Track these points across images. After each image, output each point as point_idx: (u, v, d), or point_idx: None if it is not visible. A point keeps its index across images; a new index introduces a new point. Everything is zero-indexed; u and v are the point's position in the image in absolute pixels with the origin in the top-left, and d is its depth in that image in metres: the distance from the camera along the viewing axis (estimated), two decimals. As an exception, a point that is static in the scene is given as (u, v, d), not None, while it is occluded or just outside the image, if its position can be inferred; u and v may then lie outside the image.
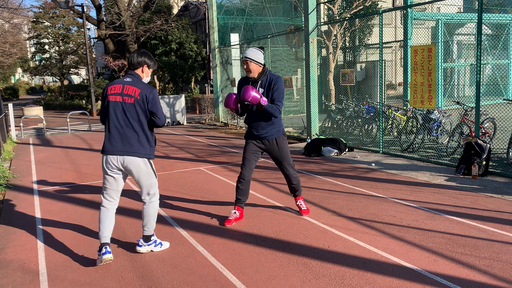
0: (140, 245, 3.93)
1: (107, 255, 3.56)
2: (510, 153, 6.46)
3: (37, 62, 36.87)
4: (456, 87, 14.63)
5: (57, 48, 34.06)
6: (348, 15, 12.67)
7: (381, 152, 8.34)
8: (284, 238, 4.19)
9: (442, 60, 11.89)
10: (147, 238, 3.92)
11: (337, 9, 13.19)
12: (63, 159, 9.15)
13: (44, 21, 32.94)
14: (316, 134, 10.07)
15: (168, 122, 15.54)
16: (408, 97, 8.18)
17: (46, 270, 3.71)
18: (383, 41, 8.31)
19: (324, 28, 12.83)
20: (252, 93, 4.26)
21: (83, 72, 44.91)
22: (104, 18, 24.67)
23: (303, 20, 10.16)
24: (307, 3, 9.72)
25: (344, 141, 8.61)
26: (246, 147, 4.67)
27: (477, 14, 6.18)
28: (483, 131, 7.45)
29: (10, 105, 13.92)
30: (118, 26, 22.44)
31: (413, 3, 9.42)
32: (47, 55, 35.41)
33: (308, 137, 10.04)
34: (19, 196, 6.21)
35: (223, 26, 15.90)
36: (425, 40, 14.12)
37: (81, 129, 15.53)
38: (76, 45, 34.05)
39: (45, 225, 4.89)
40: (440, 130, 8.45)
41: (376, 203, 5.16)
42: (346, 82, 9.61)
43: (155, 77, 27.09)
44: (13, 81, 58.76)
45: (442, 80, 12.44)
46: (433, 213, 4.74)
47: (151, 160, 3.80)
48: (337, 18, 13.09)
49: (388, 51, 20.39)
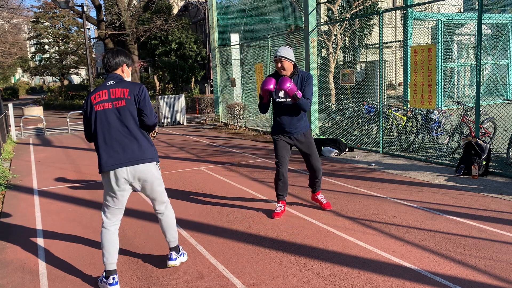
0: (174, 258, 3.58)
1: (116, 287, 3.26)
2: (510, 153, 6.46)
3: (37, 62, 36.87)
4: (456, 87, 14.63)
5: (57, 48, 34.06)
6: (348, 15, 12.67)
7: (381, 152, 8.34)
8: (284, 238, 4.19)
9: (442, 60, 11.89)
10: (177, 249, 3.63)
11: (337, 9, 13.19)
12: (63, 159, 9.15)
13: (44, 21, 32.94)
14: (316, 134, 10.07)
15: (168, 122, 15.53)
16: (408, 97, 8.18)
17: (46, 270, 3.71)
18: (383, 41, 8.31)
19: (324, 28, 12.84)
20: (290, 83, 4.31)
21: (83, 72, 44.93)
22: (104, 18, 24.67)
23: (303, 20, 10.16)
24: (307, 3, 9.72)
25: (344, 141, 8.61)
26: (277, 144, 4.72)
27: (477, 14, 6.18)
28: (483, 131, 7.45)
29: (10, 105, 13.92)
30: (118, 26, 22.43)
31: (413, 3, 9.43)
32: (47, 55, 35.41)
33: (308, 137, 10.03)
34: (19, 196, 6.22)
35: (223, 26, 15.91)
36: (425, 40, 14.12)
37: (81, 129, 15.53)
38: (76, 45, 34.06)
39: (45, 225, 4.89)
40: (440, 130, 8.45)
41: (376, 203, 5.16)
42: (346, 82, 9.61)
43: (155, 77, 27.10)
44: (13, 81, 58.77)
45: (442, 80, 12.44)
46: (433, 213, 4.74)
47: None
48: (337, 18, 13.09)
49: (388, 51, 20.39)
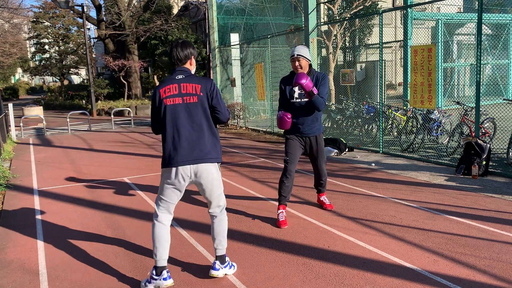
0: (218, 268, 3.38)
1: (170, 281, 3.20)
2: (510, 153, 6.46)
3: (37, 62, 36.84)
4: (456, 87, 14.62)
5: (57, 48, 34.04)
6: (348, 15, 12.67)
7: (381, 152, 8.34)
8: (284, 238, 4.19)
9: (442, 60, 11.89)
10: (223, 259, 3.42)
11: (337, 9, 13.19)
12: (63, 159, 9.15)
13: (44, 21, 32.91)
14: (316, 134, 10.05)
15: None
16: (408, 97, 8.18)
17: (46, 270, 3.71)
18: (383, 41, 8.31)
19: (324, 28, 12.83)
20: (307, 79, 4.26)
21: (83, 72, 44.91)
22: (104, 18, 24.67)
23: (303, 20, 10.16)
24: (307, 3, 9.72)
25: (344, 141, 8.61)
26: (289, 143, 4.68)
27: (477, 14, 6.18)
28: (483, 131, 7.45)
29: (10, 105, 13.91)
30: (118, 26, 22.44)
31: (413, 3, 9.42)
32: (47, 55, 35.38)
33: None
34: (19, 196, 6.22)
35: (223, 26, 15.91)
36: (425, 40, 14.11)
37: (81, 129, 15.53)
38: (76, 45, 34.04)
39: (45, 225, 4.89)
40: (440, 130, 8.45)
41: (376, 203, 5.16)
42: (346, 82, 9.60)
43: (155, 77, 27.10)
44: (13, 81, 58.76)
45: (442, 80, 12.43)
46: (433, 213, 4.74)
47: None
48: (337, 18, 13.09)
49: (388, 51, 20.38)
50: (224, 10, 16.21)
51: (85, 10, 22.04)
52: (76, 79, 55.03)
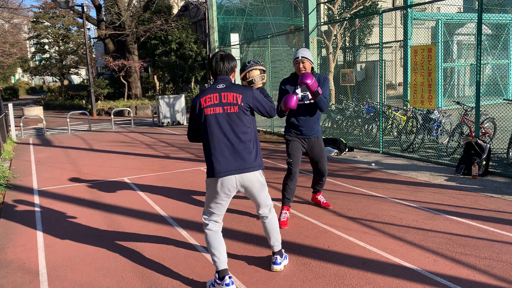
0: (279, 263, 3.53)
1: (232, 287, 3.17)
2: (510, 153, 6.46)
3: (37, 62, 36.84)
4: (456, 87, 14.62)
5: (57, 48, 34.04)
6: (348, 15, 12.67)
7: (381, 152, 8.34)
8: (284, 238, 4.18)
9: (442, 60, 11.89)
10: (281, 253, 3.59)
11: (337, 9, 13.20)
12: (63, 159, 9.15)
13: (44, 21, 32.92)
14: (316, 134, 10.05)
15: (168, 122, 15.54)
16: (408, 97, 8.18)
17: (46, 270, 3.71)
18: (383, 41, 8.31)
19: (324, 28, 12.84)
20: (312, 79, 4.22)
21: (83, 72, 44.90)
22: (104, 18, 24.68)
23: (303, 20, 10.16)
24: (307, 3, 9.72)
25: (344, 141, 8.61)
26: (291, 145, 4.66)
27: (477, 14, 6.18)
28: (483, 131, 7.45)
29: (10, 105, 13.92)
30: (118, 26, 22.44)
31: (413, 3, 9.43)
32: (47, 55, 35.38)
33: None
34: (19, 196, 6.22)
35: (223, 26, 15.92)
36: (425, 40, 14.11)
37: (81, 129, 15.53)
38: (76, 45, 34.04)
39: (45, 225, 4.89)
40: (440, 130, 8.45)
41: (376, 203, 5.16)
42: (346, 82, 9.61)
43: (155, 77, 27.10)
44: (13, 81, 58.78)
45: (442, 80, 12.44)
46: (433, 213, 4.74)
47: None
48: (337, 18, 13.09)
49: (388, 51, 20.38)
50: (224, 10, 16.21)
51: (85, 10, 22.04)
52: (76, 79, 55.02)
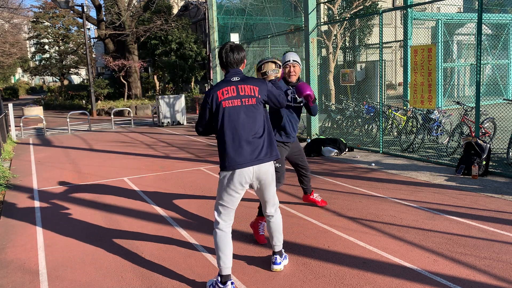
0: (279, 262, 3.53)
1: None
2: (510, 153, 6.46)
3: (37, 62, 36.86)
4: (456, 87, 14.62)
5: (57, 48, 34.05)
6: (348, 15, 12.67)
7: (381, 152, 8.34)
8: (284, 238, 4.18)
9: (442, 60, 11.89)
10: (281, 253, 3.58)
11: (337, 9, 13.20)
12: (63, 159, 9.15)
13: (44, 21, 32.93)
14: (316, 134, 10.07)
15: (168, 122, 15.54)
16: (408, 97, 8.18)
17: (46, 270, 3.71)
18: (383, 41, 8.31)
19: (324, 28, 12.83)
20: (311, 90, 4.23)
21: (83, 72, 44.91)
22: (104, 18, 24.68)
23: (303, 20, 10.16)
24: (307, 3, 9.72)
25: (344, 141, 8.61)
26: (280, 150, 4.57)
27: (477, 14, 6.18)
28: (483, 131, 7.45)
29: (10, 105, 13.92)
30: (118, 26, 22.45)
31: (413, 3, 9.42)
32: (47, 55, 35.40)
33: (308, 137, 10.04)
34: (19, 196, 6.22)
35: (223, 26, 15.91)
36: (425, 40, 14.11)
37: (81, 129, 15.53)
38: (76, 45, 34.05)
39: (45, 225, 4.89)
40: (440, 130, 8.45)
41: (376, 203, 5.16)
42: (346, 82, 9.61)
43: (155, 77, 27.10)
44: (13, 81, 58.78)
45: (442, 80, 12.44)
46: (433, 213, 4.74)
47: None
48: (337, 18, 13.09)
49: (388, 51, 20.38)
50: (224, 10, 16.20)
51: (85, 10, 22.04)
52: (76, 79, 55.04)
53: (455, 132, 7.68)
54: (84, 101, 27.01)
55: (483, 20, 6.22)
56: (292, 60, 4.48)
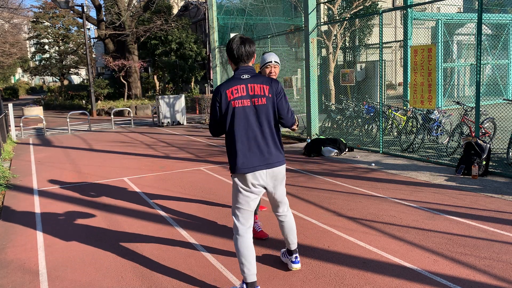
0: (298, 261, 3.49)
1: None
2: (510, 153, 6.46)
3: (37, 62, 36.87)
4: (456, 87, 14.62)
5: (57, 48, 34.07)
6: (348, 15, 12.67)
7: (381, 152, 8.34)
8: (284, 238, 4.18)
9: (442, 60, 11.89)
10: (297, 252, 3.54)
11: (337, 9, 13.19)
12: (63, 159, 9.15)
13: (44, 21, 32.95)
14: (316, 134, 10.07)
15: (168, 122, 15.54)
16: (408, 97, 8.18)
17: (46, 270, 3.71)
18: (383, 41, 8.31)
19: (324, 28, 12.83)
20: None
21: (83, 72, 44.92)
22: (104, 18, 24.68)
23: (303, 20, 10.16)
24: (307, 3, 9.72)
25: (344, 141, 8.61)
26: None
27: (477, 14, 6.18)
28: (483, 131, 7.45)
29: (10, 105, 13.92)
30: (118, 26, 22.45)
31: (413, 3, 9.42)
32: (47, 55, 35.41)
33: (308, 137, 10.04)
34: (19, 196, 6.22)
35: (223, 26, 15.91)
36: (425, 40, 14.10)
37: (81, 129, 15.53)
38: (76, 45, 34.07)
39: (45, 225, 4.89)
40: (440, 130, 8.45)
41: (376, 203, 5.16)
42: (346, 82, 9.61)
43: (155, 77, 27.10)
44: (13, 81, 58.79)
45: (442, 80, 12.44)
46: (433, 213, 4.74)
47: None
48: (337, 18, 13.09)
49: (388, 51, 20.38)
50: (224, 10, 16.20)
51: (85, 10, 22.05)
52: (76, 79, 55.04)
53: (455, 132, 7.67)
54: (84, 101, 27.01)
55: (483, 20, 6.22)
56: (274, 61, 4.49)
